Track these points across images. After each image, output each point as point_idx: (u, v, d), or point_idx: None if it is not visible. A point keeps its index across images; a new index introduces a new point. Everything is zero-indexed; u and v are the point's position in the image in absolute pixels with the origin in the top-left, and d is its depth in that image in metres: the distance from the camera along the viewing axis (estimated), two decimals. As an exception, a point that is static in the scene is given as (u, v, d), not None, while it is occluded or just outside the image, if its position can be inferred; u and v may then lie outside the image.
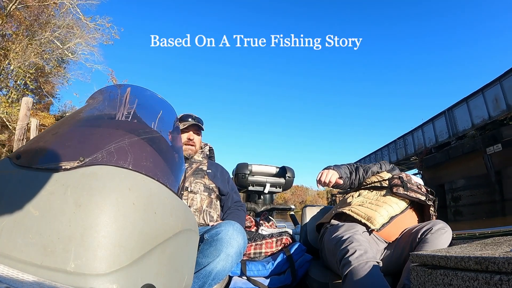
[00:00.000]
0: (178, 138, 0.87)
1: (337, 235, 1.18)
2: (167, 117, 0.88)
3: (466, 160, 12.52)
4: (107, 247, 0.48)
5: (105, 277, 0.46)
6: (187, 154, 1.50)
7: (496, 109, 10.63)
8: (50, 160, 0.58)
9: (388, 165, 1.65)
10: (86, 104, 0.86)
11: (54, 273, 0.45)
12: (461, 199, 13.10)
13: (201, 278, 0.99)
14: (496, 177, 11.22)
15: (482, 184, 11.89)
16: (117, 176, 0.57)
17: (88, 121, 0.78)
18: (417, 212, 1.40)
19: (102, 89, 0.91)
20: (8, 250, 0.47)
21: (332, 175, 1.48)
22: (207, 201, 1.42)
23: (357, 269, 0.98)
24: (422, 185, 1.46)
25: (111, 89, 0.91)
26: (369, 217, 1.28)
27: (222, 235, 1.02)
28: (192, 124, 1.50)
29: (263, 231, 1.73)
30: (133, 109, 0.81)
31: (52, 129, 0.75)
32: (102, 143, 0.62)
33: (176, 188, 0.69)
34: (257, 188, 2.41)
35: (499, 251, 0.55)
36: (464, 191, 12.89)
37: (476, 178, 12.14)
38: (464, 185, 12.96)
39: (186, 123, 1.49)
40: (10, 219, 0.49)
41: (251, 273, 1.42)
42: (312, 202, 48.72)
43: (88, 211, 0.50)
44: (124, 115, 0.79)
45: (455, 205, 13.11)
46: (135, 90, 0.88)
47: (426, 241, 1.14)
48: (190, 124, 1.50)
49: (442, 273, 0.56)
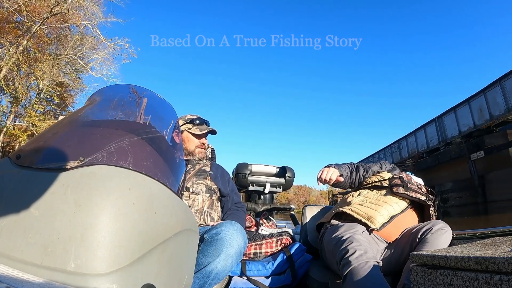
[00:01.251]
0: (178, 138, 0.87)
1: (337, 235, 1.18)
2: (167, 117, 0.88)
3: (453, 165, 13.89)
4: (107, 247, 0.48)
5: (105, 277, 0.46)
6: (201, 156, 1.56)
7: (480, 119, 11.86)
8: (50, 160, 0.58)
9: (389, 165, 1.66)
10: (86, 104, 0.86)
11: (54, 273, 0.45)
12: (449, 200, 14.51)
13: (201, 278, 0.99)
14: (479, 181, 12.50)
15: (467, 187, 13.24)
16: (117, 176, 0.57)
17: (88, 121, 0.78)
18: (417, 212, 1.40)
19: (102, 89, 0.91)
20: (8, 250, 0.47)
21: (332, 173, 1.48)
22: (208, 202, 1.42)
23: (357, 269, 0.98)
24: (423, 185, 1.46)
25: (111, 89, 0.91)
26: (369, 216, 1.28)
27: (222, 235, 1.02)
28: (210, 130, 1.57)
29: (263, 231, 1.73)
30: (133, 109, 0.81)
31: (52, 129, 0.75)
32: (102, 143, 0.62)
33: (176, 188, 0.69)
34: (257, 188, 2.41)
35: (499, 251, 0.55)
36: (452, 193, 14.35)
37: (462, 181, 13.53)
38: (451, 187, 14.43)
39: (204, 129, 1.55)
40: (10, 219, 0.49)
41: (251, 273, 1.42)
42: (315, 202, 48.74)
43: (88, 211, 0.50)
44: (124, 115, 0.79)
45: (443, 206, 14.42)
46: (135, 90, 0.88)
47: (426, 241, 1.14)
48: (209, 131, 1.57)
49: (442, 273, 0.56)
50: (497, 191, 11.73)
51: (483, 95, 11.67)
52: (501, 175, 11.52)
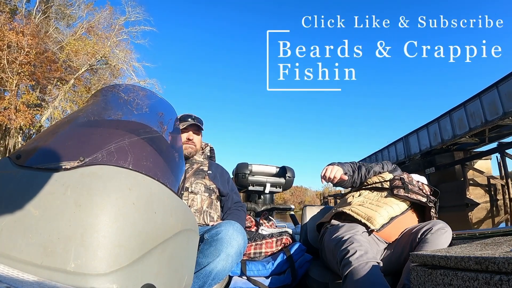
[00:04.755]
0: (178, 137, 0.87)
1: (338, 236, 1.18)
2: (167, 117, 0.88)
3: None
4: (107, 247, 0.48)
5: (105, 277, 0.46)
6: (187, 152, 1.50)
7: (435, 141, 15.04)
8: (50, 160, 0.58)
9: (390, 165, 1.65)
10: (87, 104, 0.86)
11: (54, 273, 0.45)
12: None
13: (201, 278, 0.99)
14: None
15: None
16: (117, 176, 0.57)
17: (88, 121, 0.78)
18: (418, 213, 1.40)
19: (102, 89, 0.91)
20: (8, 250, 0.47)
21: (337, 171, 1.47)
22: (208, 202, 1.42)
23: (357, 270, 0.98)
24: (426, 184, 1.45)
25: (112, 89, 0.91)
26: (369, 217, 1.28)
27: (222, 235, 1.02)
28: (191, 124, 1.51)
29: (263, 231, 1.73)
30: (133, 109, 0.81)
31: (52, 129, 0.75)
32: (102, 143, 0.62)
33: (176, 188, 0.69)
34: (257, 188, 2.41)
35: (499, 251, 0.55)
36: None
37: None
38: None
39: (185, 123, 1.50)
40: (10, 219, 0.49)
41: (251, 273, 1.42)
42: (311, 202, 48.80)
43: (88, 211, 0.50)
44: (124, 115, 0.79)
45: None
46: (135, 90, 0.88)
47: (426, 241, 1.14)
48: (189, 124, 1.50)
49: (442, 273, 0.56)
50: (444, 199, 13.83)
51: (437, 122, 14.87)
52: (447, 187, 14.81)
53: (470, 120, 12.54)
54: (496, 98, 11.05)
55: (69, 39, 13.41)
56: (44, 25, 13.33)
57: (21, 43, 11.47)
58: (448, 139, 14.06)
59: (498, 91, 10.99)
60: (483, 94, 11.77)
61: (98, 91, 0.91)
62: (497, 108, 11.04)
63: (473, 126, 12.39)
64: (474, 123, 12.37)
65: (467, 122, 12.73)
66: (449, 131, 13.85)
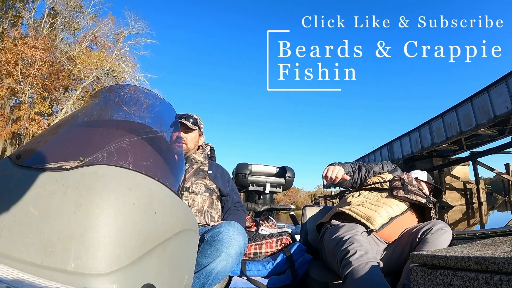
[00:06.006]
0: (179, 138, 0.87)
1: (338, 236, 1.18)
2: (167, 117, 0.88)
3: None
4: (107, 247, 0.48)
5: (105, 277, 0.46)
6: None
7: (416, 148, 16.37)
8: (50, 160, 0.57)
9: (390, 165, 1.65)
10: (87, 104, 0.86)
11: (54, 273, 0.45)
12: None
13: (202, 278, 0.99)
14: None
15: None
16: (117, 176, 0.57)
17: (89, 121, 0.78)
18: (417, 213, 1.40)
19: (102, 89, 0.91)
20: (8, 250, 0.47)
21: (338, 170, 1.47)
22: (208, 202, 1.42)
23: (358, 270, 0.98)
24: (427, 183, 1.45)
25: (112, 89, 0.91)
26: (368, 217, 1.28)
27: (223, 235, 1.02)
28: (180, 120, 1.48)
29: (263, 231, 1.73)
30: (133, 109, 0.81)
31: (52, 129, 0.75)
32: (102, 143, 0.62)
33: (176, 188, 0.69)
34: (257, 188, 2.41)
35: (499, 251, 0.55)
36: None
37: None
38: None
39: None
40: (10, 219, 0.49)
41: (251, 273, 1.42)
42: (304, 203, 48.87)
43: (88, 211, 0.50)
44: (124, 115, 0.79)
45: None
46: (135, 90, 0.88)
47: (426, 241, 1.14)
48: (180, 120, 1.48)
49: (442, 273, 0.56)
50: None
51: (418, 131, 16.21)
52: (427, 190, 16.25)
53: (447, 129, 14.02)
54: (470, 112, 12.41)
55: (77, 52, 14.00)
56: (51, 36, 13.89)
57: (35, 57, 11.96)
58: (427, 146, 15.56)
59: (472, 104, 12.27)
60: (459, 107, 13.11)
61: (98, 91, 0.91)
62: (471, 120, 12.42)
63: (450, 136, 13.87)
64: (450, 133, 13.84)
65: (444, 131, 14.22)
66: (428, 139, 15.42)
